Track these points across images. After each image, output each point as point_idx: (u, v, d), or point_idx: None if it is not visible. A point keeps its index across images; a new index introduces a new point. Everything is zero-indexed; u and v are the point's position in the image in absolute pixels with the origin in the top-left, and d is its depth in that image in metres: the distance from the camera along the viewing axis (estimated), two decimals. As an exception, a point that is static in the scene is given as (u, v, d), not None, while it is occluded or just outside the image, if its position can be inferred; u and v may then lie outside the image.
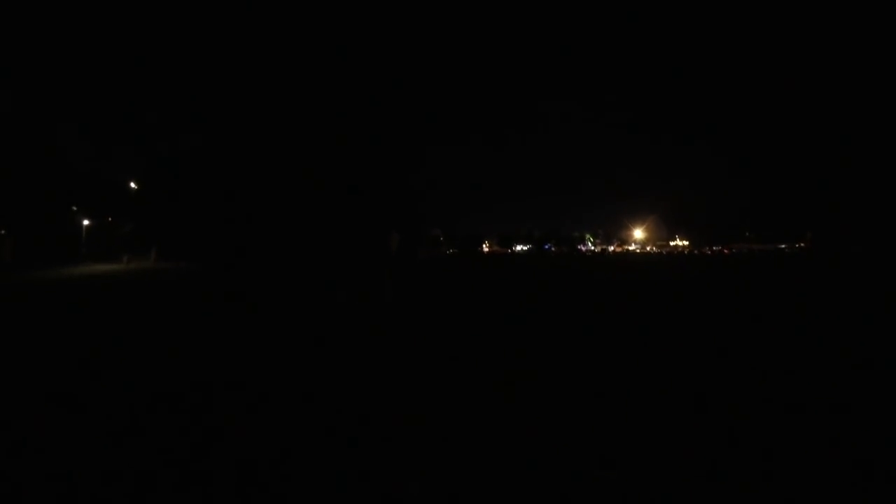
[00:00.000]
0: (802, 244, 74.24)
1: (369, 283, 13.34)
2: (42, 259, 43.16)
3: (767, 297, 11.81)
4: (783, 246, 76.50)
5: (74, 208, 51.03)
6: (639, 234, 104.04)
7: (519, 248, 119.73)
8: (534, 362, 5.35)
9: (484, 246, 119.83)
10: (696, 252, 77.61)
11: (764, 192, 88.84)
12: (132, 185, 52.67)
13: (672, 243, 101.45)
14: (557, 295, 12.54)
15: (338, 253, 46.75)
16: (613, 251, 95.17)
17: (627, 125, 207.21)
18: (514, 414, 3.79)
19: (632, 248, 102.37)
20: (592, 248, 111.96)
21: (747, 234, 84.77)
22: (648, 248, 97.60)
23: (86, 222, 49.44)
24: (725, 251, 73.30)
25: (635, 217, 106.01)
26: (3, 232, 48.19)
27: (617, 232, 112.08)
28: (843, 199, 69.78)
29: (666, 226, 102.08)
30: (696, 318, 8.44)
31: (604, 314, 8.97)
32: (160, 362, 5.55)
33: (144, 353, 5.99)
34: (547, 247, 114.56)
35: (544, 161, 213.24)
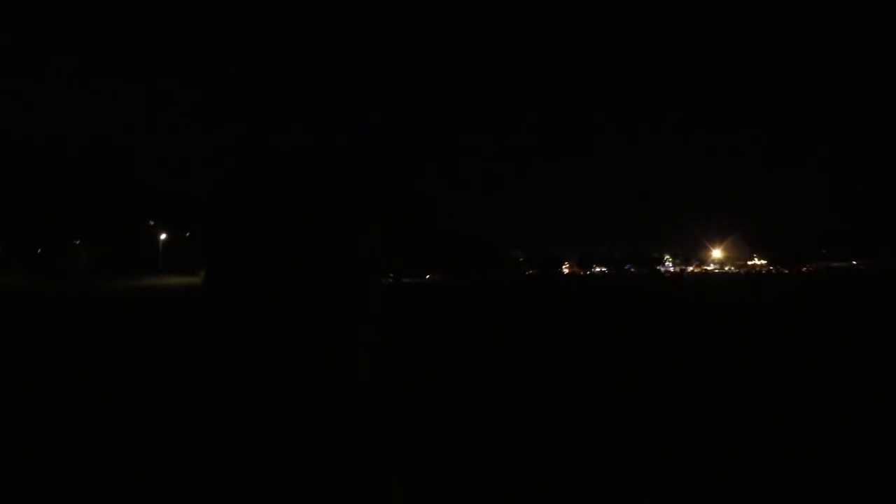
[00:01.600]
0: (877, 261, 76.09)
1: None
2: (117, 270, 44.36)
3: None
4: (854, 262, 78.81)
5: (152, 222, 53.07)
6: (717, 253, 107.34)
7: (598, 269, 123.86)
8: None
9: (564, 267, 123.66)
10: (773, 270, 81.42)
11: (840, 208, 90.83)
12: (211, 200, 61.96)
13: (750, 263, 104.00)
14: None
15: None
16: (692, 271, 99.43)
17: (705, 146, 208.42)
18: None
19: (710, 268, 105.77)
20: (671, 268, 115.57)
21: (823, 251, 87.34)
22: (727, 268, 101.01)
23: (163, 236, 51.30)
24: (804, 270, 76.65)
25: (714, 237, 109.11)
26: (77, 242, 50.17)
27: (696, 252, 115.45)
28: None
29: (744, 245, 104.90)
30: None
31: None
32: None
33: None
34: (627, 267, 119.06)
35: (626, 182, 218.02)
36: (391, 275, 68.21)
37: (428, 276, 77.33)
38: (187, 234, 52.16)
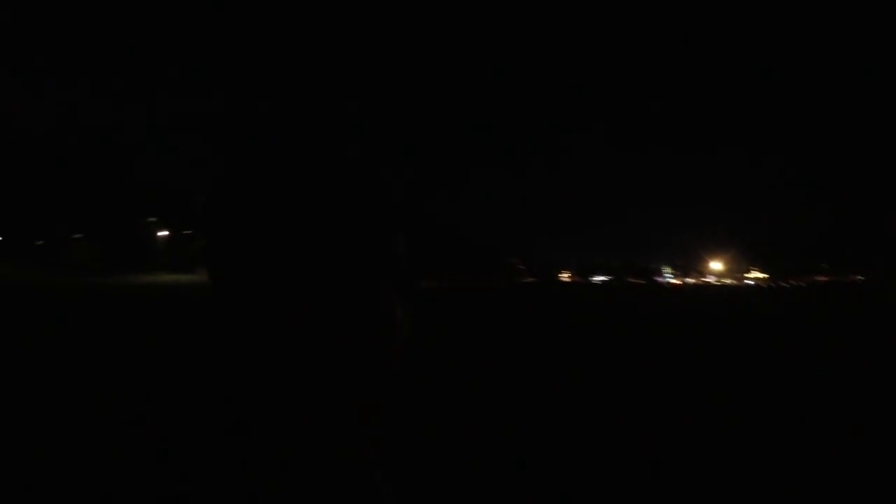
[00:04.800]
0: (872, 276, 76.34)
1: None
2: (114, 265, 43.97)
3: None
4: (860, 277, 79.41)
5: (153, 219, 53.14)
6: (717, 266, 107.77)
7: (597, 278, 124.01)
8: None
9: (563, 275, 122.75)
10: (772, 285, 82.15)
11: (839, 222, 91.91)
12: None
13: (749, 276, 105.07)
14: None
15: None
16: (693, 283, 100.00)
17: (707, 160, 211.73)
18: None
19: (709, 279, 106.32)
20: (671, 279, 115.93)
21: (823, 265, 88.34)
22: (726, 281, 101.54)
23: (163, 233, 51.37)
24: (799, 283, 76.90)
25: (714, 249, 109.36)
26: (79, 235, 50.80)
27: (695, 263, 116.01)
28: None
29: (743, 258, 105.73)
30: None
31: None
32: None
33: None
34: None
35: (628, 192, 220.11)
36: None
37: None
38: (187, 232, 51.82)
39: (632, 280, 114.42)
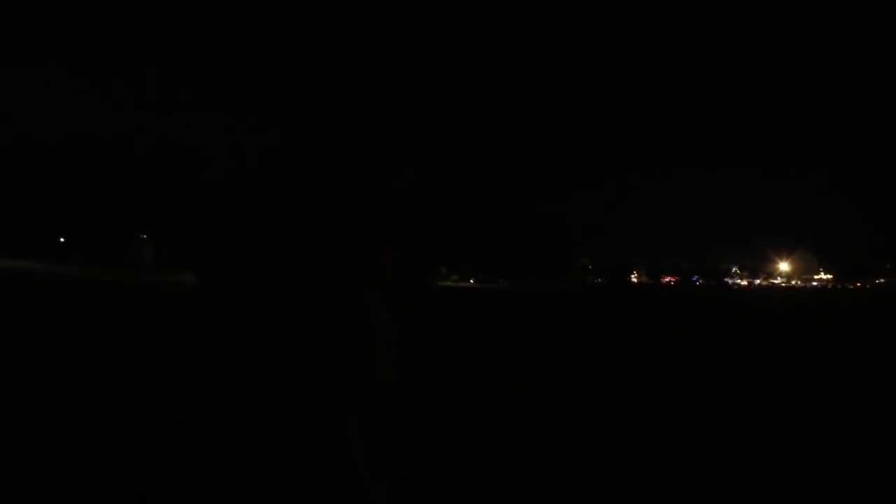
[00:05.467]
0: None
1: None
2: (179, 267, 42.28)
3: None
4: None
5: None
6: (784, 266, 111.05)
7: (667, 279, 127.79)
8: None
9: (633, 277, 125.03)
10: (838, 286, 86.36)
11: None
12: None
13: (816, 277, 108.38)
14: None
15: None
16: (759, 284, 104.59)
17: (771, 161, 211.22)
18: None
19: (777, 281, 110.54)
20: (739, 281, 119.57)
21: (888, 266, 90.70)
22: (793, 282, 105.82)
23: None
24: (857, 285, 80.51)
25: (781, 250, 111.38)
26: (144, 236, 52.29)
27: (763, 265, 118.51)
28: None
29: (812, 259, 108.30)
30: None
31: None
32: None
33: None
34: (694, 279, 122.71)
35: (695, 192, 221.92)
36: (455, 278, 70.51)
37: (472, 281, 73.78)
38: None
39: (700, 282, 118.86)
